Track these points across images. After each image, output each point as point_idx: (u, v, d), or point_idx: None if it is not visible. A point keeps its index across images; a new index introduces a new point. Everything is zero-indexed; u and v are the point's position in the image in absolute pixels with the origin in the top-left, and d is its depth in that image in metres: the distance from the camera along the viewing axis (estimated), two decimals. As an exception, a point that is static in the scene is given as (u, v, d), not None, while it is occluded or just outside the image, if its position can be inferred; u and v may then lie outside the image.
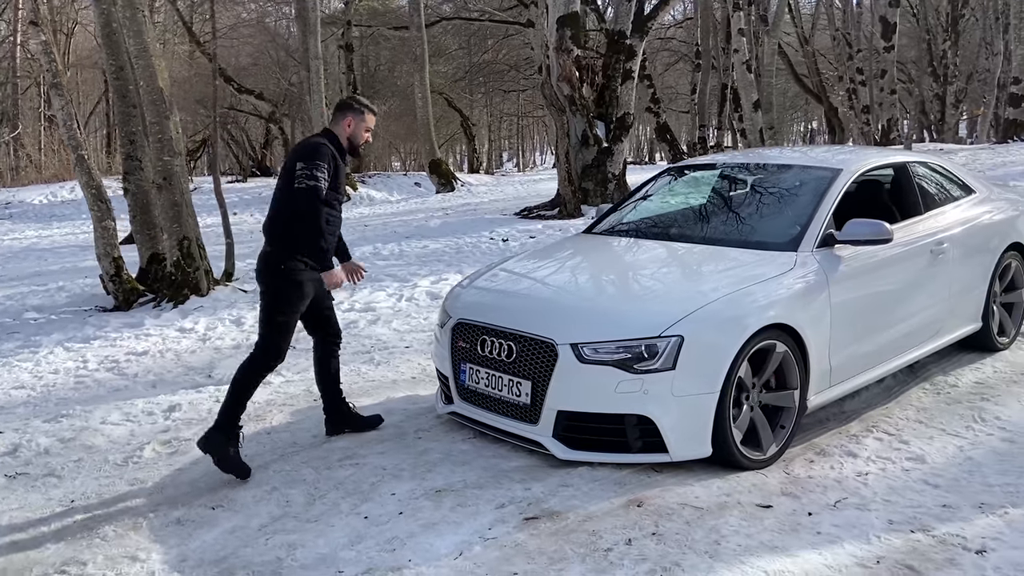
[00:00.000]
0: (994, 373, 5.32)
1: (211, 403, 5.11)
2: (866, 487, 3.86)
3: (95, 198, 7.86)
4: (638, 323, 3.83)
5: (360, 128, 4.34)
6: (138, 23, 7.70)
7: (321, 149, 4.14)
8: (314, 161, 4.08)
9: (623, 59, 14.11)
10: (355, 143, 4.36)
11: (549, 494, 3.63)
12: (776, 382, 4.15)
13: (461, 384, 4.31)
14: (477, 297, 4.51)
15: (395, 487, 3.76)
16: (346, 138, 4.32)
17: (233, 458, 4.00)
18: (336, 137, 4.31)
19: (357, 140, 4.35)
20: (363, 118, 4.34)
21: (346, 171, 4.51)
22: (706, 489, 3.71)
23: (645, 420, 3.78)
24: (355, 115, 4.33)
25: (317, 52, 19.32)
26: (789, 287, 4.14)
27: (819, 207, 4.55)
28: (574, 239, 5.37)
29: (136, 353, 6.39)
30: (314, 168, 4.06)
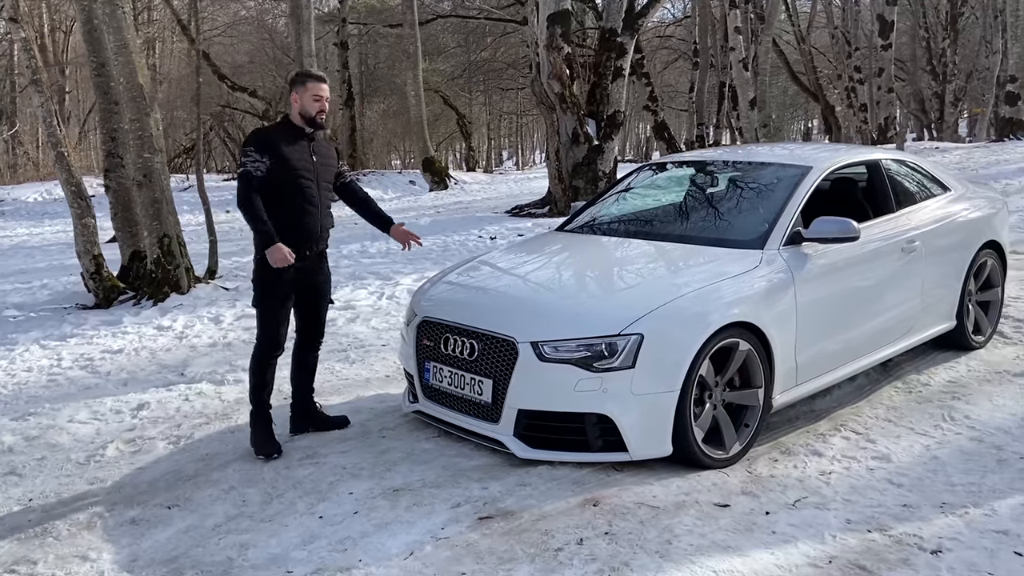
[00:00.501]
0: (968, 372, 5.29)
1: (180, 401, 5.10)
2: (828, 486, 3.84)
3: (75, 196, 7.84)
4: (598, 321, 3.81)
5: (307, 98, 4.21)
6: (118, 19, 7.68)
7: (252, 136, 4.22)
8: (244, 148, 4.17)
9: (614, 56, 14.08)
10: (308, 115, 4.22)
11: (506, 493, 3.61)
12: (740, 380, 4.12)
13: (425, 383, 4.29)
14: (442, 295, 4.48)
15: (353, 486, 3.74)
16: (298, 114, 4.23)
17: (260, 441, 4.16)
18: (288, 120, 4.27)
19: (308, 112, 4.22)
20: (306, 88, 4.22)
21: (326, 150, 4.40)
22: (665, 488, 3.68)
23: (605, 419, 3.75)
24: (298, 88, 4.23)
25: (311, 50, 19.28)
26: (753, 285, 4.11)
27: (787, 205, 4.52)
28: (545, 236, 5.35)
29: (111, 351, 6.37)
30: (243, 155, 4.14)
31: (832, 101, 31.97)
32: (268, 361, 4.27)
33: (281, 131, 4.24)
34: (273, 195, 4.15)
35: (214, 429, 4.55)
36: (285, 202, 4.16)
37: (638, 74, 28.02)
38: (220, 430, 4.54)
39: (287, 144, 4.17)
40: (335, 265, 9.66)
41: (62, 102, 28.24)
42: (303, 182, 4.19)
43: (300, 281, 4.26)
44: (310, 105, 4.21)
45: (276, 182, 4.13)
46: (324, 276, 4.45)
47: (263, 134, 4.22)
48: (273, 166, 4.11)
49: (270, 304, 4.21)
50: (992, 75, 27.13)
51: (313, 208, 4.24)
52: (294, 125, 4.25)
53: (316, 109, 4.22)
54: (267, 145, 4.13)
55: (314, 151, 4.28)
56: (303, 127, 4.24)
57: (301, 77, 4.29)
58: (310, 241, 4.26)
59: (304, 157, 4.22)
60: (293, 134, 4.22)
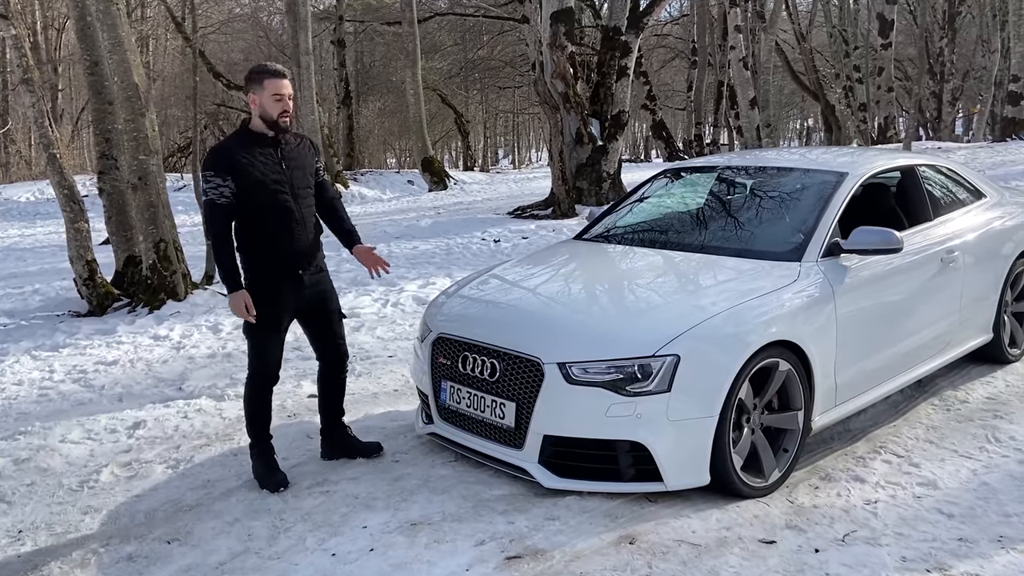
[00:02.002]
0: (1006, 387, 5.05)
1: (178, 419, 4.82)
2: (876, 518, 3.58)
3: (67, 199, 7.55)
4: (631, 341, 3.55)
5: (266, 99, 3.68)
6: (112, 16, 7.39)
7: (209, 156, 3.70)
8: (204, 173, 3.68)
9: (618, 55, 13.82)
10: (269, 118, 3.70)
11: (534, 529, 3.34)
12: (779, 403, 3.87)
13: (441, 403, 4.02)
14: (459, 309, 4.21)
15: (367, 519, 3.47)
16: (258, 118, 3.72)
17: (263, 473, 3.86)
18: (248, 128, 3.76)
19: (270, 114, 3.70)
20: (263, 87, 3.68)
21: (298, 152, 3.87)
22: (704, 522, 3.42)
23: (638, 446, 3.49)
24: (254, 88, 3.70)
25: (307, 47, 18.96)
26: (793, 301, 3.86)
27: (824, 214, 4.27)
28: (565, 245, 5.07)
29: (105, 363, 6.09)
30: (204, 180, 3.66)
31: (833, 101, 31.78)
32: (262, 395, 3.92)
33: (241, 142, 3.72)
34: (247, 218, 3.71)
35: (215, 452, 4.28)
36: (262, 224, 3.71)
37: (636, 73, 27.84)
38: (222, 453, 4.27)
39: (250, 157, 3.67)
40: (335, 270, 9.38)
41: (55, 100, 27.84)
42: (278, 197, 3.73)
43: (300, 304, 3.88)
44: (271, 106, 3.69)
45: (247, 204, 3.68)
46: (327, 289, 4.03)
47: (220, 152, 3.68)
48: (240, 187, 3.65)
49: (263, 333, 3.81)
50: (990, 75, 26.97)
51: (296, 223, 3.78)
52: (254, 132, 3.75)
53: (278, 111, 3.70)
54: (227, 164, 3.64)
55: (283, 156, 3.77)
56: (265, 132, 3.75)
57: (257, 75, 3.72)
58: (302, 259, 3.83)
59: (273, 168, 3.72)
60: (256, 143, 3.71)
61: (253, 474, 3.91)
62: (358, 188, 19.99)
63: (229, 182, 3.63)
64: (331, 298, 4.07)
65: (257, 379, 3.89)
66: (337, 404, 4.19)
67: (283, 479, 3.84)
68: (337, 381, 4.16)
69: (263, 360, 3.87)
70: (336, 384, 4.16)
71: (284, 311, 3.85)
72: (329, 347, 4.09)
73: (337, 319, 4.09)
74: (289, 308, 3.86)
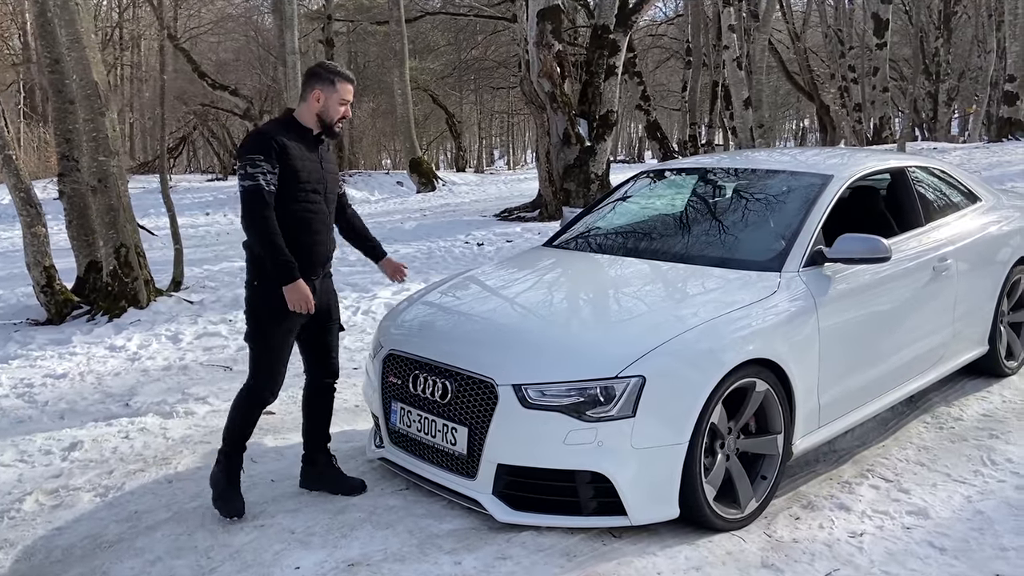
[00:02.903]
0: (1003, 404, 4.75)
1: (118, 440, 4.50)
2: (861, 552, 3.28)
3: (24, 202, 7.22)
4: (592, 361, 3.23)
5: (332, 102, 3.48)
6: (70, 11, 7.06)
7: (257, 139, 3.38)
8: (248, 156, 3.34)
9: (606, 55, 13.50)
10: (328, 121, 3.50)
11: (482, 570, 3.02)
12: (756, 426, 3.56)
13: (392, 426, 3.71)
14: (412, 324, 3.89)
15: (301, 558, 3.15)
16: (315, 115, 3.49)
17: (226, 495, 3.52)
18: (295, 119, 3.51)
19: (330, 117, 3.49)
20: (335, 89, 3.47)
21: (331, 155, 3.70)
22: (671, 561, 3.11)
23: (600, 477, 3.18)
24: (324, 86, 3.47)
25: (294, 47, 18.63)
26: (772, 315, 3.55)
27: (806, 220, 3.96)
28: (533, 252, 4.76)
29: (54, 376, 5.76)
30: (248, 164, 3.32)
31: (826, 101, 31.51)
32: (257, 406, 3.58)
33: (288, 133, 3.45)
34: (279, 214, 3.40)
35: (149, 478, 3.95)
36: (295, 221, 3.44)
37: (630, 73, 27.53)
38: (155, 479, 3.94)
39: (297, 151, 3.43)
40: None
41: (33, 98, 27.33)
42: (312, 196, 3.49)
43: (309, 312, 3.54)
44: (335, 109, 3.49)
45: (284, 197, 3.40)
46: (331, 297, 3.77)
47: (271, 138, 3.38)
48: (285, 177, 3.39)
49: (274, 341, 3.48)
50: (986, 75, 26.69)
51: (325, 228, 3.58)
52: (302, 127, 3.51)
53: (339, 115, 3.51)
54: (278, 152, 3.36)
55: (321, 157, 3.56)
56: (312, 130, 3.52)
57: (330, 73, 3.51)
58: (320, 265, 3.58)
59: (315, 167, 3.49)
60: (302, 138, 3.48)
61: (210, 481, 3.57)
62: (346, 190, 19.67)
63: (277, 171, 3.37)
64: (335, 308, 3.80)
65: (259, 391, 3.55)
66: (323, 427, 3.84)
67: (239, 508, 3.50)
68: (327, 400, 3.83)
69: (270, 371, 3.52)
70: (324, 403, 3.83)
71: (300, 319, 3.53)
72: (322, 360, 3.78)
73: (336, 331, 3.81)
74: (302, 316, 3.53)
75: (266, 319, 3.51)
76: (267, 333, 3.52)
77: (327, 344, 3.77)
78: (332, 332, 3.78)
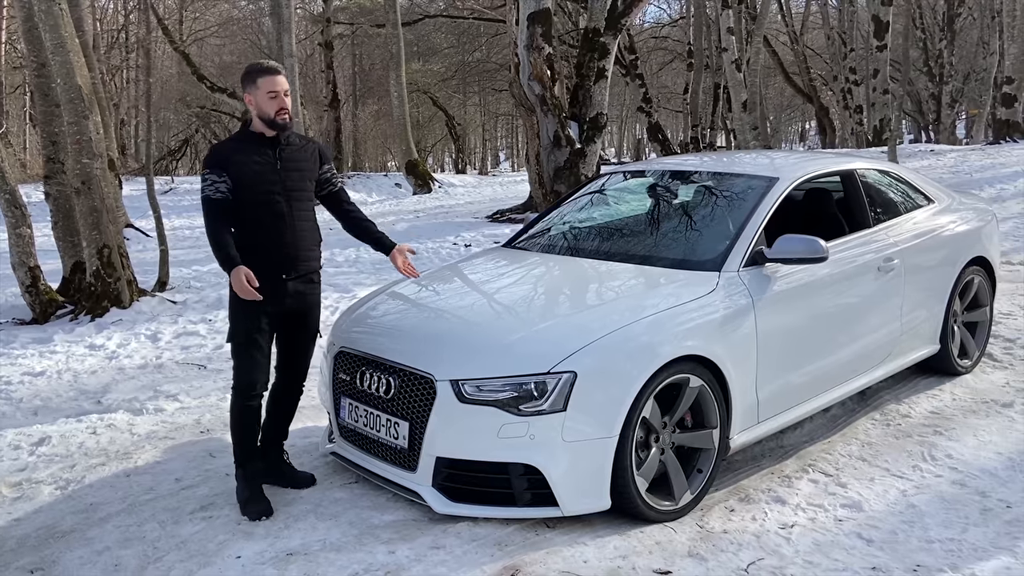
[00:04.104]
0: (952, 401, 4.84)
1: (86, 436, 4.63)
2: (788, 543, 3.38)
3: (9, 203, 7.36)
4: (526, 357, 3.35)
5: (260, 98, 3.58)
6: (54, 16, 7.20)
7: (210, 154, 3.64)
8: (203, 171, 3.61)
9: (596, 57, 13.61)
10: (266, 117, 3.60)
11: (415, 559, 3.14)
12: (692, 421, 3.66)
13: (341, 421, 3.83)
14: (363, 323, 4.01)
15: (243, 547, 3.27)
16: (257, 118, 3.62)
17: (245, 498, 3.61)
18: (249, 128, 3.67)
19: (266, 113, 3.59)
20: (257, 86, 3.58)
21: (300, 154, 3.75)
22: (600, 550, 3.22)
23: (533, 470, 3.29)
24: (249, 86, 3.60)
25: (291, 49, 18.81)
26: (707, 313, 3.65)
27: (749, 221, 4.06)
28: (489, 253, 4.87)
29: (33, 374, 5.90)
30: (202, 180, 3.58)
31: (827, 103, 31.53)
32: (246, 406, 3.65)
33: (241, 142, 3.66)
34: (238, 217, 3.59)
35: (109, 471, 4.08)
36: (250, 223, 3.60)
37: (632, 75, 27.65)
38: (115, 473, 4.06)
39: (246, 156, 3.59)
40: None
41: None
42: (269, 197, 3.61)
43: (278, 310, 3.66)
44: (266, 104, 3.58)
45: (239, 202, 3.57)
46: (310, 304, 3.79)
47: (219, 150, 3.64)
48: (234, 185, 3.56)
49: (242, 341, 3.61)
50: (989, 76, 26.67)
51: (285, 226, 3.64)
52: (254, 132, 3.65)
53: (275, 108, 3.59)
54: (224, 162, 3.56)
55: (281, 158, 3.65)
56: (264, 132, 3.64)
57: (249, 73, 3.63)
58: (285, 264, 3.66)
59: (267, 168, 3.62)
60: (254, 143, 3.63)
61: (236, 498, 3.65)
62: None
63: (225, 179, 3.55)
64: (313, 314, 3.85)
65: (236, 391, 3.66)
66: (282, 426, 3.95)
67: (266, 508, 3.57)
68: (290, 401, 3.94)
69: (243, 369, 3.63)
70: (288, 404, 3.94)
71: (265, 315, 3.63)
72: (292, 363, 3.87)
73: (311, 338, 3.89)
74: (270, 312, 3.64)
75: (235, 318, 3.66)
76: (235, 331, 3.65)
77: (299, 347, 3.85)
78: (307, 339, 3.86)
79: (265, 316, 3.62)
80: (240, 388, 3.64)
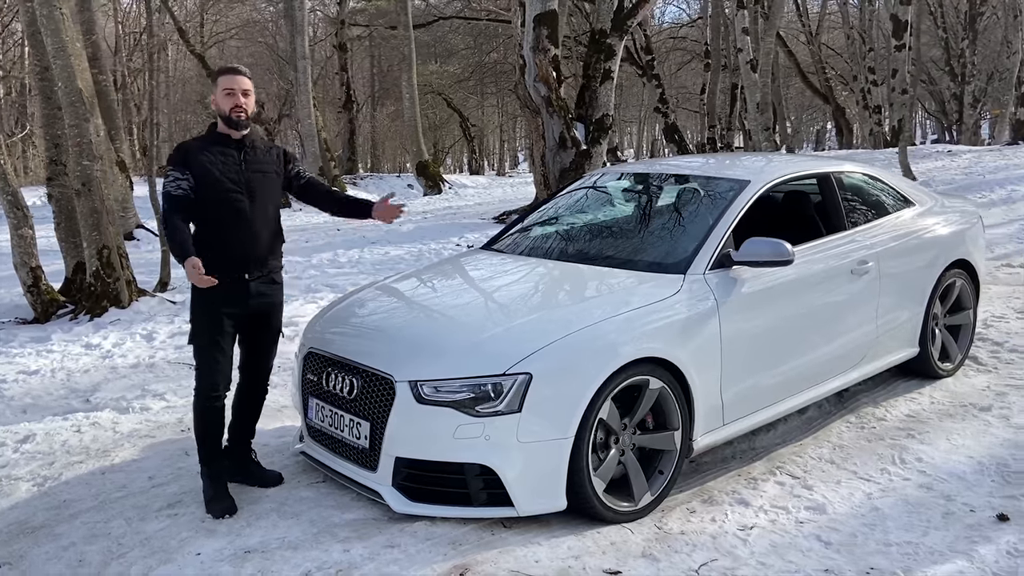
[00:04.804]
0: (931, 404, 4.82)
1: (69, 433, 4.72)
2: (745, 545, 3.40)
3: (11, 205, 7.51)
4: (485, 359, 3.39)
5: (219, 96, 3.69)
6: (55, 21, 7.33)
7: (175, 152, 3.74)
8: (168, 169, 3.69)
9: (603, 58, 13.61)
10: (223, 114, 3.70)
11: (368, 558, 3.18)
12: (654, 422, 3.69)
13: (309, 421, 3.89)
14: (331, 324, 4.07)
15: (204, 545, 3.33)
16: (218, 116, 3.75)
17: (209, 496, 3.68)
18: (215, 128, 3.77)
19: (222, 110, 3.70)
20: (216, 85, 3.72)
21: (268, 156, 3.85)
22: (553, 550, 3.25)
23: (488, 470, 3.33)
24: (213, 88, 3.76)
25: (304, 52, 19.00)
26: (668, 315, 3.67)
27: (717, 224, 4.07)
28: (464, 256, 4.92)
29: (27, 372, 6.01)
30: (167, 174, 3.69)
31: (845, 103, 31.28)
32: (207, 407, 3.72)
33: (205, 141, 3.75)
34: (200, 215, 3.68)
35: (86, 469, 4.16)
36: (212, 222, 3.68)
37: (648, 76, 27.59)
38: (91, 471, 4.15)
39: (210, 155, 3.67)
40: (298, 277, 9.29)
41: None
42: (231, 196, 3.68)
43: (240, 311, 3.73)
44: (222, 101, 3.68)
45: (202, 200, 3.65)
46: (272, 304, 3.86)
47: (183, 148, 3.73)
48: (197, 183, 3.64)
49: (202, 340, 3.70)
50: (1012, 76, 26.34)
51: (245, 225, 3.71)
52: (219, 133, 3.75)
53: (229, 105, 3.66)
54: (187, 160, 3.66)
55: (245, 159, 3.74)
56: (230, 134, 3.74)
57: (213, 74, 3.83)
58: (246, 263, 3.73)
59: (230, 167, 3.70)
60: (218, 143, 3.73)
61: (203, 496, 3.73)
62: (355, 192, 19.95)
63: (188, 176, 3.64)
64: (276, 314, 3.93)
65: (199, 391, 3.73)
66: (249, 424, 4.01)
67: (229, 506, 3.65)
68: (254, 400, 4.01)
69: (205, 369, 3.71)
70: (252, 403, 4.00)
71: (227, 315, 3.70)
72: (256, 362, 3.94)
73: (274, 337, 3.97)
74: (232, 313, 3.72)
75: (196, 319, 3.73)
76: (198, 332, 3.72)
77: (261, 347, 3.92)
78: (267, 340, 3.93)
79: (228, 318, 3.70)
80: (203, 389, 3.70)
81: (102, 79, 12.28)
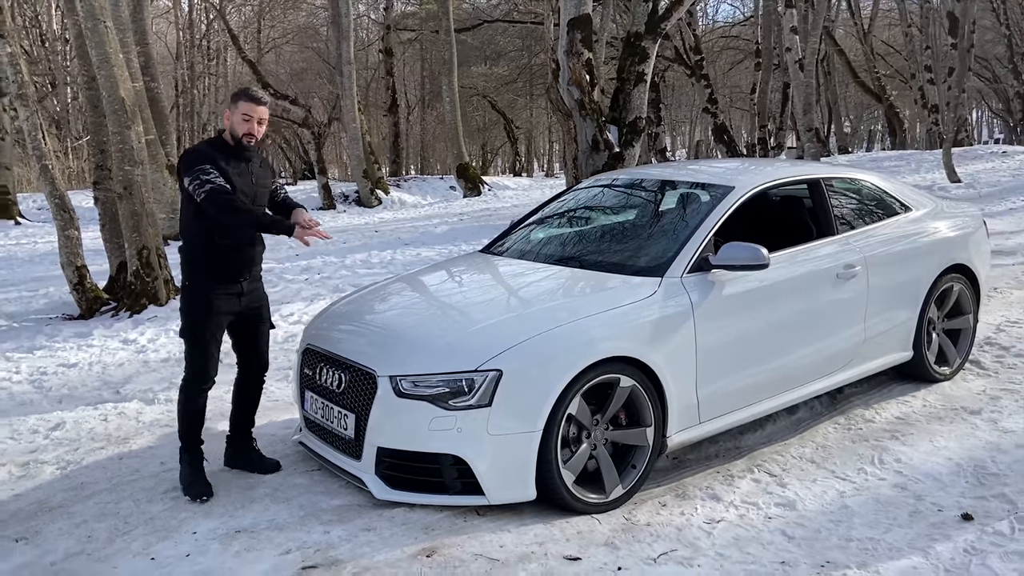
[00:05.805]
0: (922, 407, 4.88)
1: (97, 422, 5.06)
2: (708, 537, 3.54)
3: (59, 207, 7.97)
4: (460, 355, 3.60)
5: (236, 118, 3.91)
6: (99, 33, 7.77)
7: (195, 155, 3.90)
8: (194, 169, 3.84)
9: (636, 61, 13.71)
10: (235, 135, 3.93)
11: (345, 539, 3.42)
12: (627, 419, 3.85)
13: (305, 413, 4.15)
14: (327, 322, 4.33)
15: (200, 524, 3.61)
16: (228, 133, 3.96)
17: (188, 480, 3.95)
18: (222, 137, 4.00)
19: (235, 132, 3.92)
20: (236, 107, 3.92)
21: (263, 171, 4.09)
22: (519, 537, 3.44)
23: (460, 460, 3.54)
24: (231, 106, 3.96)
25: (350, 57, 19.42)
26: (642, 316, 3.83)
27: (698, 228, 4.22)
28: (460, 259, 5.15)
29: (67, 365, 6.41)
30: (199, 174, 3.82)
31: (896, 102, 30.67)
32: (196, 395, 4.02)
33: (217, 149, 3.94)
34: (215, 220, 3.88)
35: (105, 455, 4.49)
36: (224, 231, 3.92)
37: (697, 76, 27.49)
38: (110, 456, 4.47)
39: (227, 165, 3.90)
40: (328, 277, 9.63)
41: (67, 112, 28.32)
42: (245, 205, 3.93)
43: (237, 309, 4.03)
44: (238, 125, 3.92)
45: None
46: (260, 298, 4.17)
47: (204, 152, 3.89)
48: None
49: (200, 334, 3.97)
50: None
51: (252, 233, 4.02)
52: (226, 143, 3.97)
53: (243, 130, 3.92)
54: (215, 163, 3.85)
55: (253, 171, 4.01)
56: (233, 145, 3.97)
57: (236, 95, 4.00)
58: (251, 266, 4.05)
59: (245, 179, 3.95)
60: (231, 153, 3.95)
61: (179, 479, 4.02)
62: (399, 194, 20.36)
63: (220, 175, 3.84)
64: (264, 307, 4.23)
65: (192, 381, 4.02)
66: (248, 414, 4.30)
67: (206, 490, 3.92)
68: (253, 391, 4.29)
69: (200, 362, 4.00)
70: (251, 394, 4.29)
71: (224, 316, 4.01)
72: (252, 355, 4.24)
73: (265, 329, 4.26)
74: (229, 312, 4.02)
75: (194, 316, 4.01)
76: (195, 328, 4.00)
77: (256, 340, 4.21)
78: (261, 330, 4.22)
79: (224, 316, 3.99)
80: (195, 380, 3.98)
81: (153, 86, 12.83)
